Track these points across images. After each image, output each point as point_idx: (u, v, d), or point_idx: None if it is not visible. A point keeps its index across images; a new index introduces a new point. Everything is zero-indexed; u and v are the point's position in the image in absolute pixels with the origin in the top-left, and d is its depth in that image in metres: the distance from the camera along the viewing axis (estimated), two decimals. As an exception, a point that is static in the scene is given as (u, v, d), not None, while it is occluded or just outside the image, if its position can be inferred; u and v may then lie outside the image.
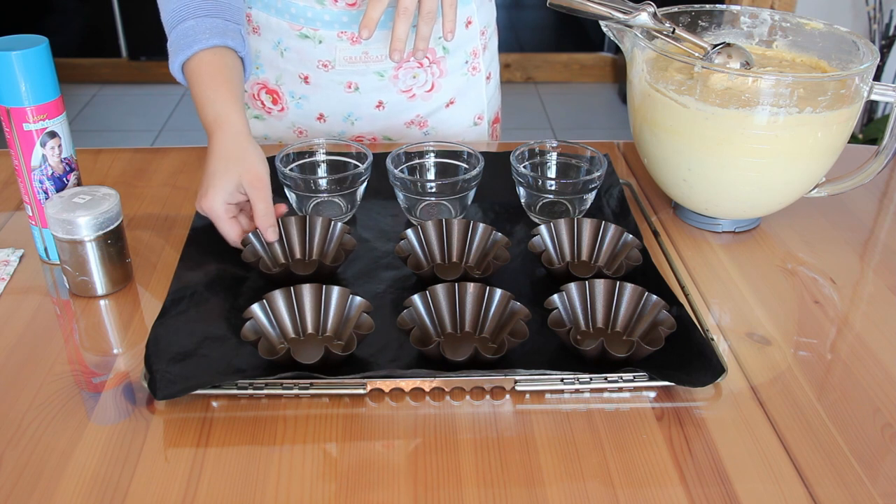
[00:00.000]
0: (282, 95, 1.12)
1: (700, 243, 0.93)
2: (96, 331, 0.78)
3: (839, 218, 0.98)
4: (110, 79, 3.55)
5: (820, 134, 0.85)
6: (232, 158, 0.83)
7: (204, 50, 0.88)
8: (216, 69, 0.87)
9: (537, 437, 0.65)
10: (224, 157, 0.83)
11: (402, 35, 0.91)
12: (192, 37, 0.88)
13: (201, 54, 0.88)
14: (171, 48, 0.90)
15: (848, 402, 0.70)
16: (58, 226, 0.78)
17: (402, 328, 0.72)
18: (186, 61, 0.88)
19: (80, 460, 0.63)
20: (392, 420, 0.67)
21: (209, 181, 0.82)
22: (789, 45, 0.99)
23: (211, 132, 0.85)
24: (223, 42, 0.88)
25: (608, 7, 0.92)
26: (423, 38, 0.93)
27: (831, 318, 0.81)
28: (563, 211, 0.93)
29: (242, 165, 0.83)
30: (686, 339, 0.73)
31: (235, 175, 0.82)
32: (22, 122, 0.78)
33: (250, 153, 0.83)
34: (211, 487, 0.61)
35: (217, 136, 0.84)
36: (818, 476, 0.63)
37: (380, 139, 1.15)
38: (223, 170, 0.82)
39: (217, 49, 0.88)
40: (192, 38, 0.88)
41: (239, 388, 0.69)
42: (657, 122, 0.90)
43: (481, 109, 1.19)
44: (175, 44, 0.89)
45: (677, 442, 0.65)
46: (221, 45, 0.89)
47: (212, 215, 0.83)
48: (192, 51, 0.87)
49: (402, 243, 0.83)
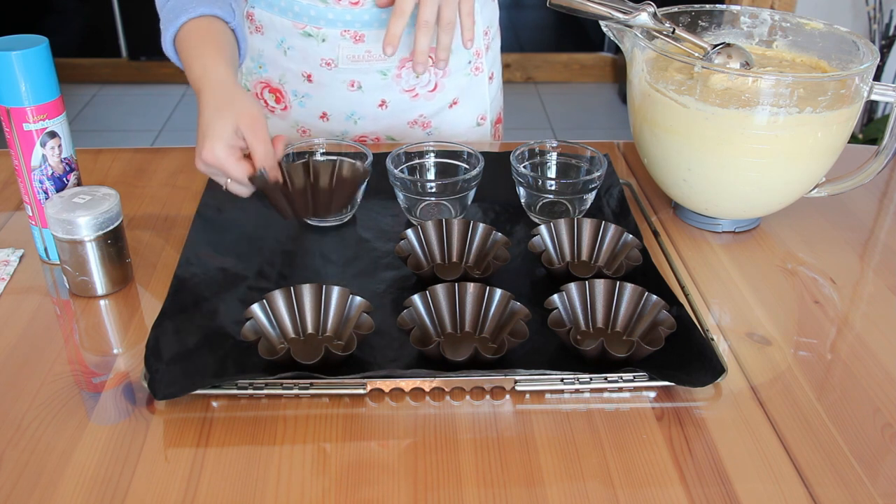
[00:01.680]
0: (285, 94, 1.12)
1: (700, 243, 0.93)
2: (96, 331, 0.78)
3: (839, 218, 0.98)
4: (110, 79, 3.55)
5: (820, 134, 0.85)
6: (224, 105, 0.80)
7: (192, 20, 0.86)
8: (204, 34, 0.86)
9: (537, 437, 0.65)
10: (215, 106, 0.80)
11: (424, 48, 0.92)
12: (179, 9, 0.87)
13: (189, 24, 0.86)
14: (162, 25, 0.89)
15: (848, 402, 0.70)
16: (58, 226, 0.78)
17: (402, 328, 0.72)
18: (176, 34, 0.87)
19: (80, 460, 0.63)
20: (392, 420, 0.67)
21: (205, 132, 0.79)
22: (789, 45, 0.99)
23: (199, 88, 0.82)
24: (211, 11, 0.87)
25: (608, 7, 0.92)
26: (444, 48, 0.94)
27: (831, 318, 0.81)
28: (563, 211, 0.93)
29: (236, 109, 0.79)
30: (686, 339, 0.73)
31: (231, 119, 0.79)
32: (22, 122, 0.78)
33: (241, 97, 0.81)
34: (211, 487, 0.61)
35: (205, 90, 0.81)
36: (818, 476, 0.63)
37: (383, 139, 1.15)
38: (217, 117, 0.79)
39: (205, 18, 0.87)
40: (180, 10, 0.87)
41: (239, 388, 0.69)
42: (657, 122, 0.90)
43: (484, 110, 1.19)
44: (165, 19, 0.88)
45: (677, 442, 0.65)
46: (209, 14, 0.87)
47: (217, 163, 0.79)
48: (180, 21, 0.86)
49: (402, 243, 0.83)
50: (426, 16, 0.91)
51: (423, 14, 0.91)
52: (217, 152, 0.78)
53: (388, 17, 1.03)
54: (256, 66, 1.11)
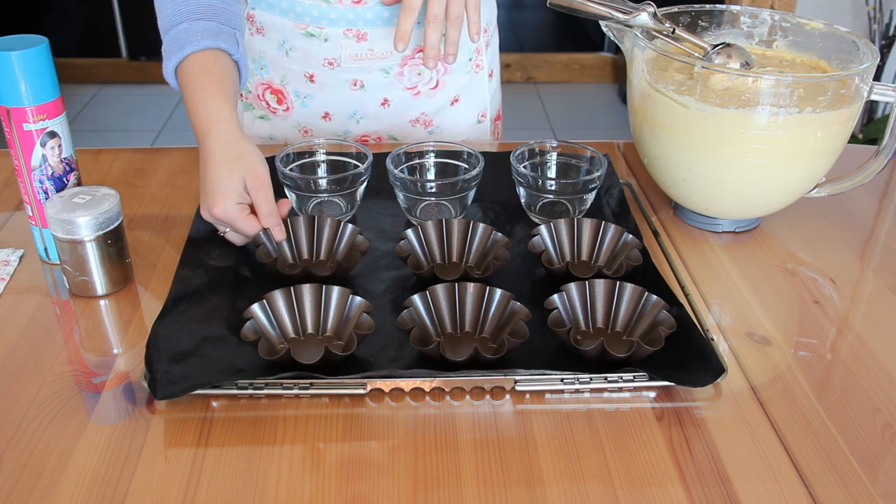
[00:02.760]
0: (287, 95, 1.12)
1: (700, 243, 0.93)
2: (96, 331, 0.78)
3: (839, 218, 0.98)
4: (110, 79, 3.55)
5: (820, 134, 0.85)
6: (232, 160, 0.82)
7: (196, 52, 0.87)
8: (207, 70, 0.87)
9: (537, 437, 0.65)
10: (224, 159, 0.82)
11: (434, 43, 0.94)
12: (184, 39, 0.87)
13: (193, 56, 0.87)
14: (165, 52, 0.89)
15: (848, 402, 0.70)
16: (58, 226, 0.78)
17: (402, 328, 0.72)
18: (179, 64, 0.87)
19: (80, 460, 0.63)
20: (392, 420, 0.67)
21: (215, 187, 0.81)
22: (789, 45, 0.99)
23: (204, 133, 0.83)
24: (215, 44, 0.88)
25: (608, 7, 0.92)
26: (452, 43, 0.96)
27: (831, 318, 0.81)
28: (563, 211, 0.93)
29: (244, 166, 0.82)
30: (686, 339, 0.73)
31: (240, 177, 0.82)
32: (22, 122, 0.78)
33: (249, 153, 0.83)
34: (211, 487, 0.61)
35: (211, 137, 0.83)
36: (818, 476, 0.63)
37: (385, 138, 1.16)
38: (227, 173, 0.81)
39: (209, 51, 0.87)
40: (184, 40, 0.87)
41: (239, 388, 0.69)
42: (657, 122, 0.90)
43: (484, 107, 1.20)
44: (168, 48, 0.88)
45: (677, 442, 0.65)
46: (213, 48, 0.88)
47: (227, 219, 0.82)
48: (184, 53, 0.86)
49: (402, 243, 0.83)
50: (435, 10, 0.92)
51: (432, 9, 0.92)
52: (229, 212, 0.82)
53: (390, 15, 1.03)
54: (258, 67, 1.11)
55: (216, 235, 0.87)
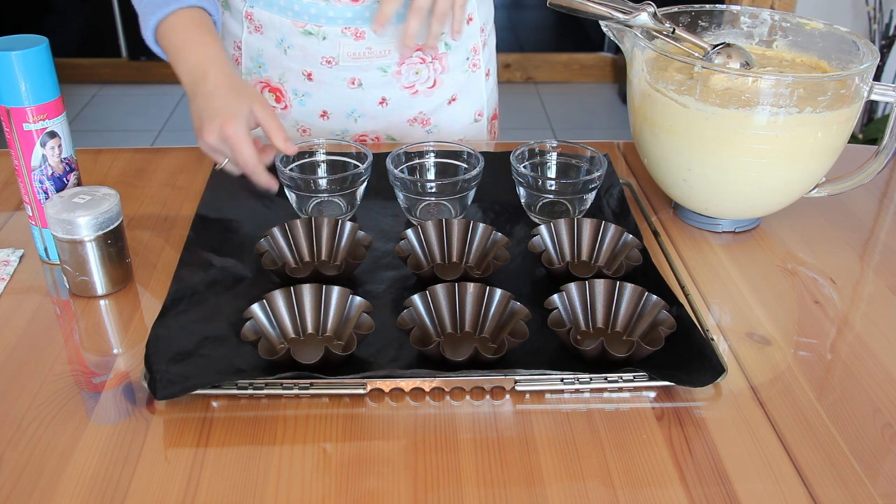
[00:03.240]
0: (285, 93, 1.12)
1: (700, 243, 0.93)
2: (96, 331, 0.78)
3: (839, 218, 0.98)
4: (110, 79, 3.55)
5: (820, 134, 0.85)
6: (240, 89, 0.85)
7: (183, 8, 0.89)
8: (198, 23, 0.89)
9: (537, 437, 0.65)
10: (231, 88, 0.85)
11: (414, 31, 0.96)
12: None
13: (180, 13, 0.88)
14: (144, 9, 0.90)
15: (848, 402, 0.70)
16: (58, 226, 0.78)
17: (402, 328, 0.72)
18: (163, 20, 0.88)
19: (80, 460, 0.63)
20: (392, 420, 0.67)
21: (224, 110, 0.83)
22: (789, 45, 0.99)
23: (203, 70, 0.85)
24: (200, 3, 0.90)
25: (608, 7, 0.92)
26: (434, 36, 0.98)
27: (831, 318, 0.81)
28: (563, 211, 0.93)
29: (251, 95, 0.85)
30: (686, 339, 0.73)
31: (247, 103, 0.84)
32: (22, 122, 0.78)
33: (252, 88, 0.86)
34: (211, 487, 0.61)
35: (214, 72, 0.85)
36: (818, 476, 0.63)
37: (383, 137, 1.16)
38: (236, 98, 0.84)
39: (196, 9, 0.90)
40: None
41: (239, 388, 0.69)
42: (657, 122, 0.90)
43: (481, 106, 1.20)
44: (148, 5, 0.89)
45: (677, 442, 0.65)
46: (199, 6, 0.90)
47: (234, 140, 0.83)
48: (171, 9, 0.88)
49: (402, 243, 0.83)
50: (421, 2, 0.95)
51: (419, 0, 0.95)
52: (238, 131, 0.83)
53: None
54: (256, 65, 1.11)
55: (216, 235, 0.87)
